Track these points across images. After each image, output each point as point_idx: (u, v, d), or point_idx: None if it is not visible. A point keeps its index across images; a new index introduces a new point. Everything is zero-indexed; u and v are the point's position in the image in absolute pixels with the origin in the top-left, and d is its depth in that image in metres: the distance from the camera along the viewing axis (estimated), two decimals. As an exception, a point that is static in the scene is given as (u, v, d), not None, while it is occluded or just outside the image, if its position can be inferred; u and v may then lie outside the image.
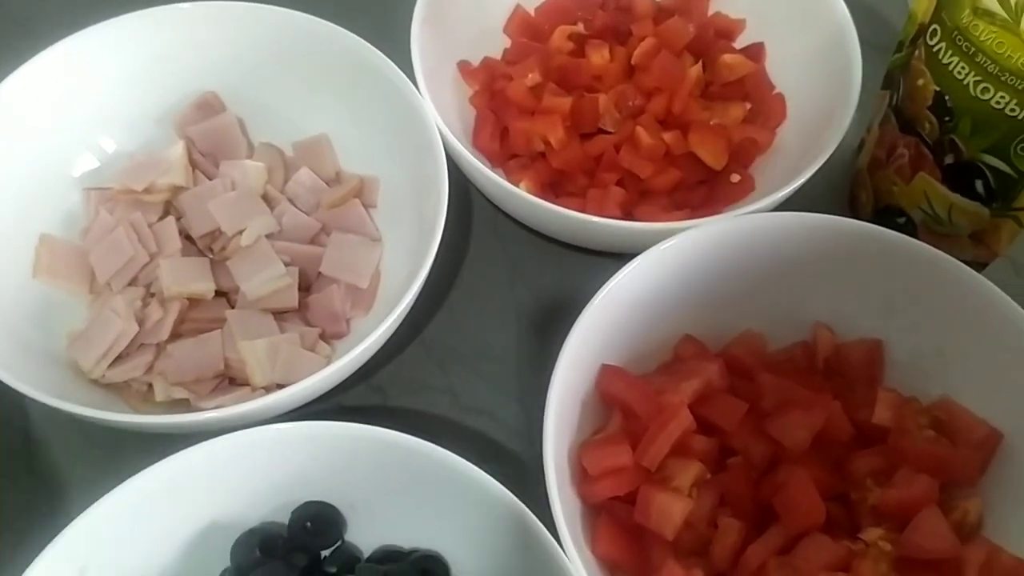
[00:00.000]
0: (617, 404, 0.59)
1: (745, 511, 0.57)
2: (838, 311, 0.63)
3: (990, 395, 0.59)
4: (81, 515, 0.49)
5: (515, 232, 0.72)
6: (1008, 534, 0.56)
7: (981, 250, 0.68)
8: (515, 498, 0.50)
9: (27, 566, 0.47)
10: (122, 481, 0.49)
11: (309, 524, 0.55)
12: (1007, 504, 0.57)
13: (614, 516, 0.56)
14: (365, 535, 0.56)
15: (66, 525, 0.48)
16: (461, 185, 0.71)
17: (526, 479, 0.52)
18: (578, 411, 0.58)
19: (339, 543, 0.56)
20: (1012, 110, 0.58)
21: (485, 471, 0.51)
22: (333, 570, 0.54)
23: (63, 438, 0.62)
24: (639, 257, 0.58)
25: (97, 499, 0.49)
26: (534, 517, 0.50)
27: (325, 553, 0.56)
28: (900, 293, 0.61)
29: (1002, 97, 0.58)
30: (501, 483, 0.50)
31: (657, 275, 0.60)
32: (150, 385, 0.60)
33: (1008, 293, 0.58)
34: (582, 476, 0.57)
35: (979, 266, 0.63)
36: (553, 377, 0.54)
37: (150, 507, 0.50)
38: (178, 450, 0.50)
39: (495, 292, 0.70)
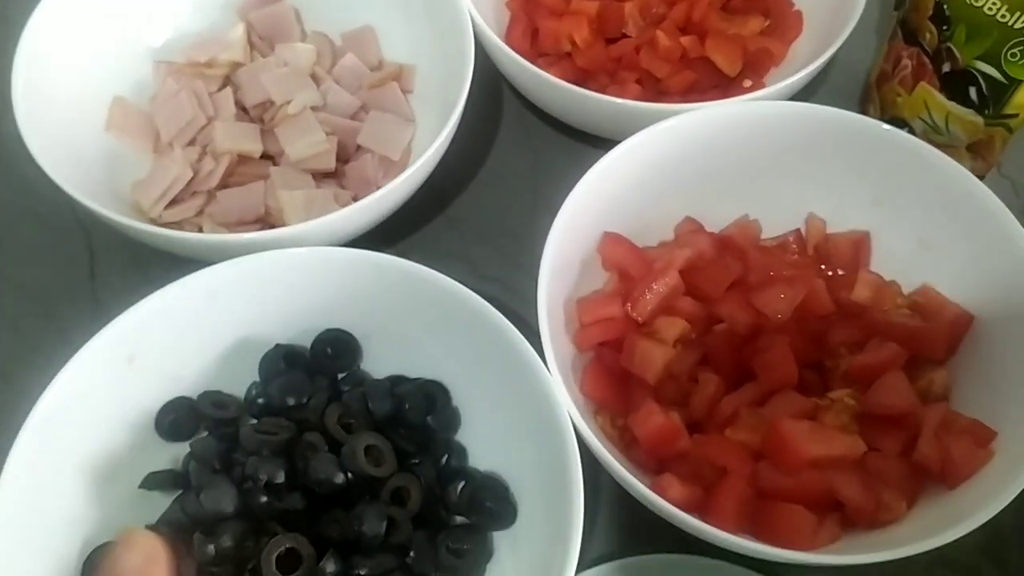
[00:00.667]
0: (614, 267, 0.65)
1: (726, 372, 0.62)
2: (831, 203, 0.68)
3: (966, 283, 0.63)
4: (130, 308, 0.56)
5: (540, 126, 0.79)
6: (973, 410, 0.60)
7: (978, 163, 0.72)
8: (514, 328, 0.56)
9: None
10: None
11: (329, 349, 0.61)
12: (975, 383, 0.61)
13: (602, 361, 0.62)
14: (377, 364, 0.63)
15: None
16: (494, 82, 0.78)
17: (531, 338, 0.56)
18: (577, 271, 0.64)
19: (354, 368, 0.62)
20: (1003, 16, 0.62)
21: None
22: (347, 388, 0.61)
23: (123, 273, 0.70)
24: (643, 132, 0.63)
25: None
26: (530, 348, 0.56)
27: (341, 376, 0.62)
28: (890, 185, 0.65)
29: (994, 4, 0.62)
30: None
31: (660, 153, 0.65)
32: (200, 228, 0.68)
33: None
34: (577, 326, 0.63)
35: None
36: (552, 229, 0.60)
37: (190, 310, 0.58)
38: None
39: (517, 177, 0.76)
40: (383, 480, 0.55)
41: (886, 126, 0.64)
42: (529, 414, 0.56)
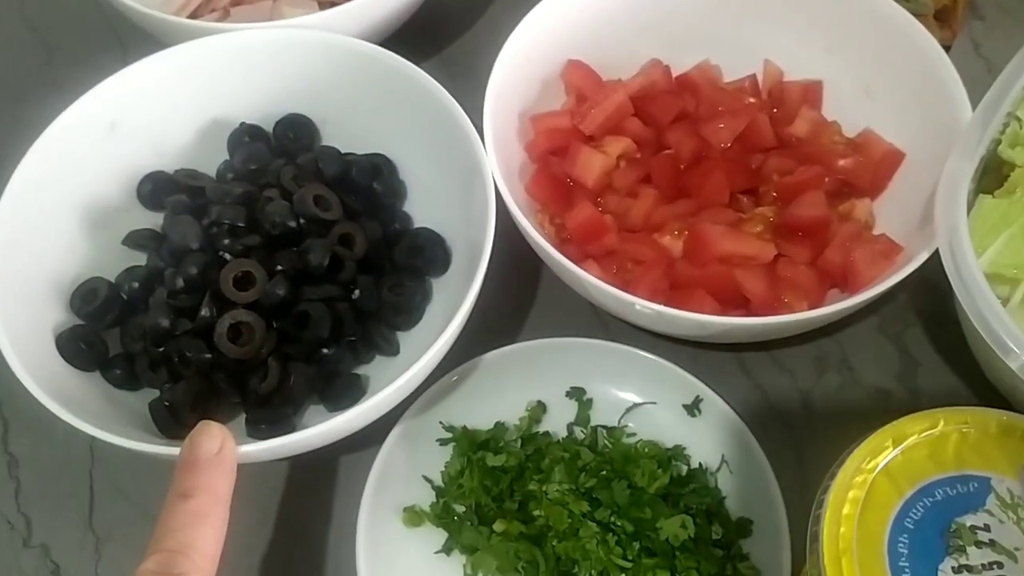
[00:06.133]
0: (573, 89, 0.70)
1: (665, 192, 0.67)
2: (788, 51, 0.72)
3: (903, 127, 0.67)
4: (112, 76, 0.64)
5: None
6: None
7: (945, 32, 0.75)
8: (456, 104, 0.63)
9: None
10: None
11: (290, 132, 0.68)
12: (900, 219, 0.65)
13: (548, 168, 0.68)
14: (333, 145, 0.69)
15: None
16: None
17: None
18: (537, 90, 0.70)
19: (312, 149, 0.69)
20: None
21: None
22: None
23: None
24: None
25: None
26: (469, 122, 0.62)
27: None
28: (842, 34, 0.69)
29: None
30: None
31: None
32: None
33: (969, 72, 0.64)
34: (530, 137, 0.69)
35: (944, 49, 0.70)
36: (510, 38, 0.66)
37: (165, 84, 0.65)
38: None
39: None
40: (331, 224, 0.62)
41: (839, -29, 0.68)
42: (464, 182, 0.62)
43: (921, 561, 0.44)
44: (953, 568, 0.44)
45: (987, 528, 0.45)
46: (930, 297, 0.67)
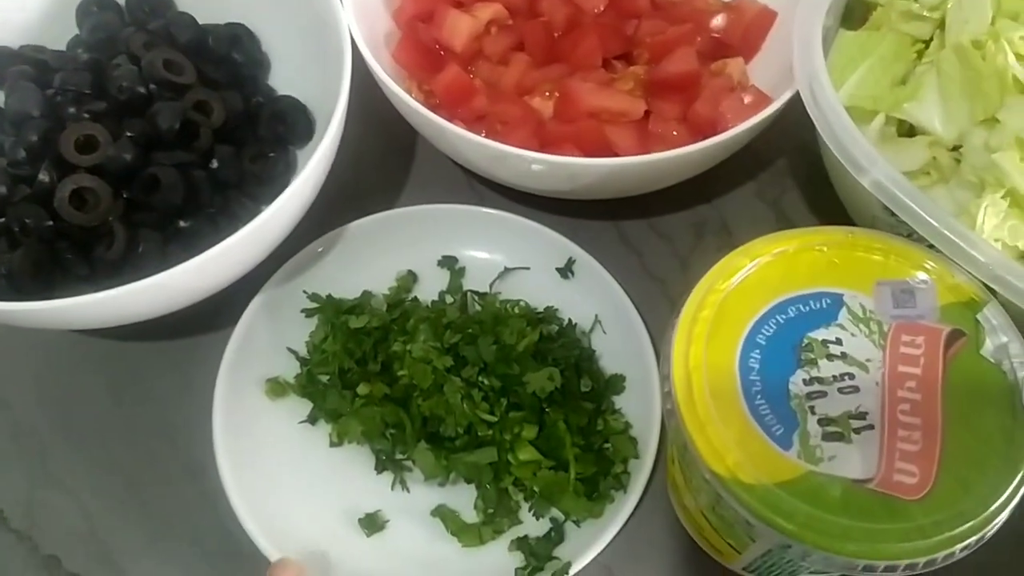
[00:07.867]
0: (441, -45, 0.68)
1: (538, 60, 0.65)
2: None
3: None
4: None
5: None
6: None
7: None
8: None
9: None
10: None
11: (145, 6, 0.65)
12: (774, 77, 0.64)
13: (416, 34, 0.65)
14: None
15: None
16: None
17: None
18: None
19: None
20: None
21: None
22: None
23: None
24: None
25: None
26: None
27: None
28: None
29: None
30: None
31: None
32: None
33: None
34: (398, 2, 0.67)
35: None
36: None
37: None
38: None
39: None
40: (183, 88, 0.58)
41: None
42: (327, 51, 0.59)
43: (772, 374, 0.43)
44: (804, 380, 0.43)
45: (839, 342, 0.44)
46: (807, 161, 0.66)
